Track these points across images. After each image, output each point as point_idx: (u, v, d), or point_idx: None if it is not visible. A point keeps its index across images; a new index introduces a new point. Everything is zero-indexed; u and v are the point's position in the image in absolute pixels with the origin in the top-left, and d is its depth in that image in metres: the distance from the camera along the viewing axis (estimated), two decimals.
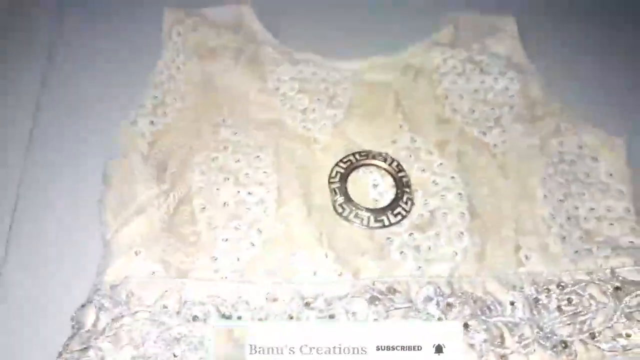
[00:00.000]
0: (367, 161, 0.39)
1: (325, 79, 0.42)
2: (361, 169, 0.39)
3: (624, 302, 0.33)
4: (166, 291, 0.32)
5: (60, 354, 0.29)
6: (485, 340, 0.32)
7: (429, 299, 0.33)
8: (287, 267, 0.34)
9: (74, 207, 0.37)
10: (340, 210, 0.37)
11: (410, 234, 0.36)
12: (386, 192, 0.38)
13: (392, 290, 0.33)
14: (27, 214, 0.37)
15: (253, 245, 0.35)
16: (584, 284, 0.34)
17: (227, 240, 0.34)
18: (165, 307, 0.31)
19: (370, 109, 0.41)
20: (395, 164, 0.39)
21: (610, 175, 0.39)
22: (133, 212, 0.34)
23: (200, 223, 0.35)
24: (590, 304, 0.33)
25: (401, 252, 0.35)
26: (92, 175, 0.36)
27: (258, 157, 0.38)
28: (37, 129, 0.40)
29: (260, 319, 0.32)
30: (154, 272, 0.32)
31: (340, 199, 0.37)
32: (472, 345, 0.31)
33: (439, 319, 0.32)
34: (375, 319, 0.32)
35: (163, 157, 0.37)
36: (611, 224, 0.37)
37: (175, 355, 0.30)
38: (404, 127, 0.40)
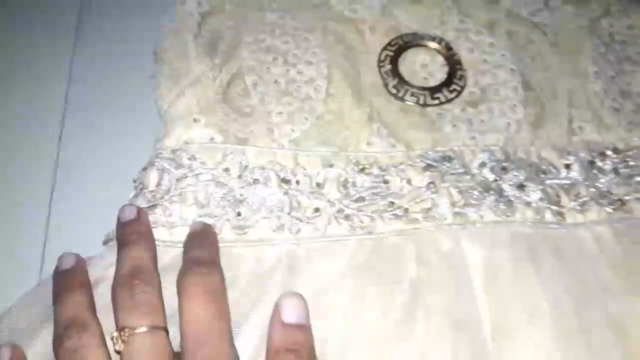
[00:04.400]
0: (416, 42, 0.38)
1: None
2: (410, 50, 0.38)
3: None
4: (227, 156, 0.32)
5: None
6: (541, 199, 0.32)
7: (483, 164, 0.34)
8: (341, 140, 0.34)
9: (128, 85, 0.37)
10: (394, 91, 0.36)
11: (462, 109, 0.36)
12: (437, 71, 0.38)
13: (446, 158, 0.34)
14: (81, 91, 0.38)
15: (306, 119, 0.35)
16: (638, 150, 0.34)
17: (281, 113, 0.35)
18: (227, 170, 0.32)
19: None
20: (444, 43, 0.38)
21: None
22: (188, 84, 0.34)
23: (254, 97, 0.35)
24: None
25: (454, 125, 0.35)
26: (144, 54, 0.36)
27: (306, 38, 0.38)
28: (86, 12, 0.40)
29: (318, 184, 0.33)
30: (212, 138, 0.33)
31: (393, 81, 0.37)
32: (528, 204, 0.32)
33: (495, 180, 0.33)
34: (431, 182, 0.33)
35: (212, 36, 0.36)
36: None
37: (239, 214, 0.31)
38: (452, 9, 0.40)
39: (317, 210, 0.32)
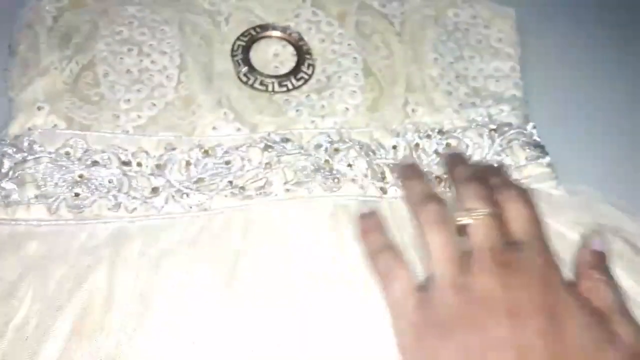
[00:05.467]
0: (267, 33, 0.41)
1: None
2: (262, 41, 0.41)
3: (497, 141, 0.36)
4: (68, 140, 0.34)
5: None
6: (366, 176, 0.35)
7: (319, 146, 0.36)
8: (187, 125, 0.36)
9: None
10: (245, 79, 0.39)
11: (307, 96, 0.38)
12: (287, 60, 0.40)
13: (285, 140, 0.36)
14: None
15: (155, 105, 0.37)
16: (463, 129, 0.37)
17: (129, 100, 0.36)
18: (67, 154, 0.34)
19: None
20: (295, 34, 0.41)
21: (500, 40, 0.42)
22: (36, 74, 0.36)
23: (103, 86, 0.36)
24: (467, 145, 0.36)
25: (297, 110, 0.38)
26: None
27: (163, 29, 0.40)
28: None
29: (158, 165, 0.34)
30: (56, 125, 0.35)
31: (244, 69, 0.39)
32: (354, 180, 0.35)
33: (326, 161, 0.35)
34: (267, 163, 0.35)
35: (67, 30, 0.38)
36: (497, 81, 0.40)
37: (76, 195, 0.33)
38: (306, 1, 0.42)
39: (155, 190, 0.34)
